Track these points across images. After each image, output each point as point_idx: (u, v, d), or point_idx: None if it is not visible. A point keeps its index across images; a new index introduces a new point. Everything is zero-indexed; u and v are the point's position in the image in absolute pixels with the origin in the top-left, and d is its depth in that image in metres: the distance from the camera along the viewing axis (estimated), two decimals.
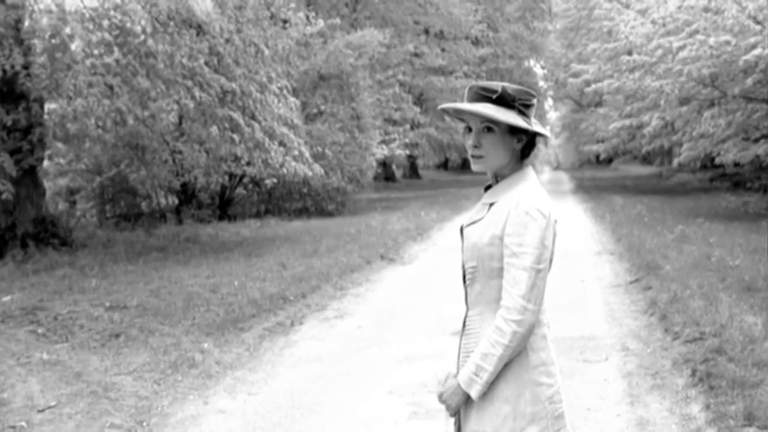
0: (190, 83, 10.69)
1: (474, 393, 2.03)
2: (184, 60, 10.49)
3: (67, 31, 10.21)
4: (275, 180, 13.89)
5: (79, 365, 5.48)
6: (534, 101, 2.06)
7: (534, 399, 2.05)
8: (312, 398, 4.82)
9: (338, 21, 19.68)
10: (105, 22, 10.25)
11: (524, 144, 2.11)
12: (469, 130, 2.10)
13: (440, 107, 2.14)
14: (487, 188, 2.19)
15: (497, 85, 2.04)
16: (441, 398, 2.14)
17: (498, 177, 2.14)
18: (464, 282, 2.18)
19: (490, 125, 2.05)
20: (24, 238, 10.90)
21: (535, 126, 2.06)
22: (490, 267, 2.05)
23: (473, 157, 2.10)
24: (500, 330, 1.97)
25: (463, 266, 2.16)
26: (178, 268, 9.61)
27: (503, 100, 2.02)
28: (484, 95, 2.03)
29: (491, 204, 2.10)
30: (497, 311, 2.01)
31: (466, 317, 2.18)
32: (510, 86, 2.04)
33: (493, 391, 2.04)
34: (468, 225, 2.15)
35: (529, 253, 1.96)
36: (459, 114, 2.13)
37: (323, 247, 11.44)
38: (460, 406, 2.11)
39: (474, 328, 2.12)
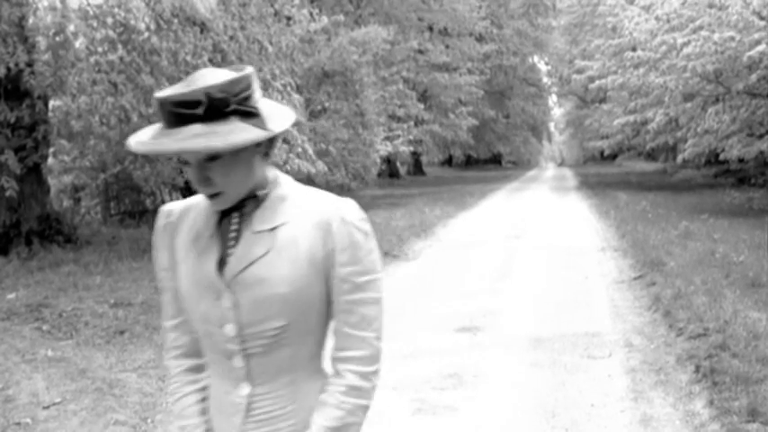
0: None
1: None
2: (188, 58, 10.50)
3: (71, 28, 10.24)
4: None
5: (84, 362, 5.49)
6: (252, 82, 1.39)
7: None
8: None
9: (342, 17, 19.68)
10: (109, 20, 10.27)
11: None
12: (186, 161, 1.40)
13: (134, 148, 1.34)
14: (226, 213, 1.48)
15: (198, 92, 1.30)
16: None
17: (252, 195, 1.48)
18: (242, 353, 1.45)
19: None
20: (29, 235, 10.92)
21: (275, 121, 1.39)
22: (309, 317, 1.46)
23: (208, 197, 1.42)
24: (359, 391, 1.45)
25: (240, 333, 1.44)
26: None
27: (214, 111, 1.31)
28: (185, 114, 1.31)
29: (271, 230, 1.45)
30: (336, 368, 1.48)
31: (250, 396, 1.48)
32: (215, 86, 1.32)
33: None
34: (245, 269, 1.43)
35: (374, 280, 1.46)
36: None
37: None
38: None
39: (278, 408, 1.48)
